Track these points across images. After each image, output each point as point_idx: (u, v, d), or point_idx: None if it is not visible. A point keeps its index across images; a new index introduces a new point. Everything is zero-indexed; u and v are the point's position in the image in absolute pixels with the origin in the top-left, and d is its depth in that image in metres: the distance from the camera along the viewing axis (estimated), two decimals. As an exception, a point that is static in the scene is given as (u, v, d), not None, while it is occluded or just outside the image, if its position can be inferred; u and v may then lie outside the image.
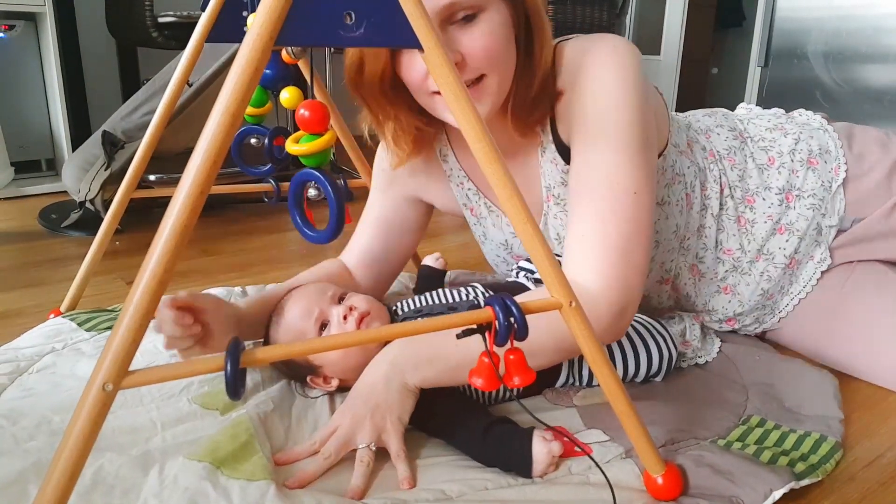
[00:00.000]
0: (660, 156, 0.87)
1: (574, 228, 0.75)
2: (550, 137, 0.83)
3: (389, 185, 1.01)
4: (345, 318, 0.79)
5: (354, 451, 0.69)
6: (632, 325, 0.87)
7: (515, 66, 0.77)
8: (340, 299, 0.82)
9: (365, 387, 0.73)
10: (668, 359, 0.86)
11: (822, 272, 0.94)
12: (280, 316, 0.82)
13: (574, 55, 0.79)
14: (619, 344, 0.85)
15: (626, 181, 0.73)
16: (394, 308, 0.87)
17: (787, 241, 0.95)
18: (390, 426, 0.70)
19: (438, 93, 0.76)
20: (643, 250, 0.74)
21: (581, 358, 0.84)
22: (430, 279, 0.98)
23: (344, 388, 0.82)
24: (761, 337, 1.03)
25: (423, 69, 0.73)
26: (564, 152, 0.83)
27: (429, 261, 1.00)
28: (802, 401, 0.81)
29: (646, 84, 0.79)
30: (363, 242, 1.02)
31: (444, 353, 0.72)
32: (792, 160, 0.95)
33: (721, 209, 0.95)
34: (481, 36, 0.72)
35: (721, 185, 0.94)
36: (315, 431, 0.75)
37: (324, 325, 0.80)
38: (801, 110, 1.04)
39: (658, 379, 0.87)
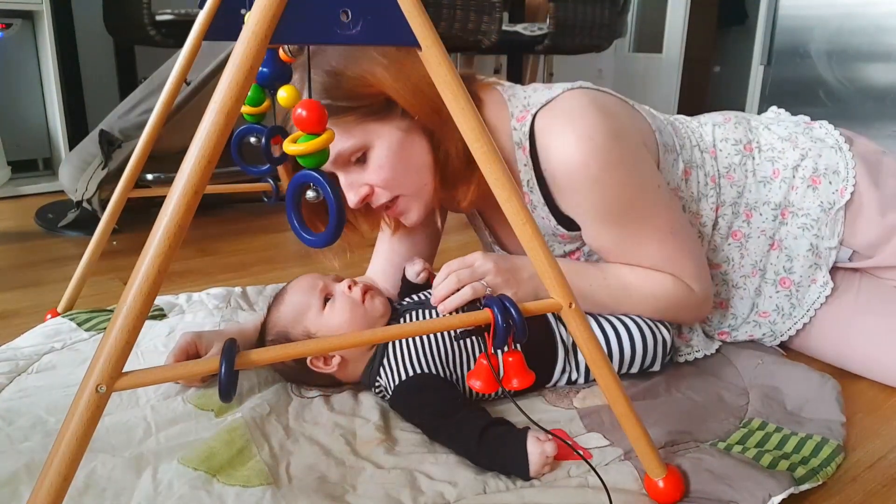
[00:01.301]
0: None
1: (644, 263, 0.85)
2: (543, 200, 0.85)
3: None
4: (349, 287, 0.81)
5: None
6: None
7: (432, 158, 0.81)
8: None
9: (516, 260, 0.81)
10: (663, 343, 0.85)
11: (827, 297, 0.92)
12: (282, 296, 0.84)
13: (541, 138, 0.81)
14: (612, 325, 0.84)
15: (661, 238, 0.83)
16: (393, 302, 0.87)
17: (777, 257, 0.94)
18: (514, 283, 0.79)
19: (386, 207, 0.82)
20: (700, 253, 0.89)
21: (576, 348, 0.83)
22: (411, 284, 0.95)
23: (341, 382, 0.82)
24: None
25: (354, 197, 0.80)
26: (562, 219, 0.86)
27: (409, 272, 0.90)
28: (804, 404, 0.81)
29: (629, 137, 0.82)
30: (382, 251, 1.02)
31: (587, 292, 0.83)
32: (793, 176, 0.93)
33: (713, 228, 0.94)
34: (374, 171, 0.78)
35: (716, 206, 0.94)
36: (314, 427, 0.75)
37: (327, 300, 0.81)
38: (824, 122, 0.99)
39: (655, 367, 0.86)
